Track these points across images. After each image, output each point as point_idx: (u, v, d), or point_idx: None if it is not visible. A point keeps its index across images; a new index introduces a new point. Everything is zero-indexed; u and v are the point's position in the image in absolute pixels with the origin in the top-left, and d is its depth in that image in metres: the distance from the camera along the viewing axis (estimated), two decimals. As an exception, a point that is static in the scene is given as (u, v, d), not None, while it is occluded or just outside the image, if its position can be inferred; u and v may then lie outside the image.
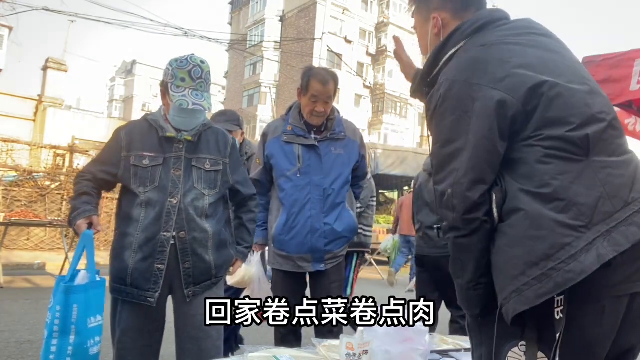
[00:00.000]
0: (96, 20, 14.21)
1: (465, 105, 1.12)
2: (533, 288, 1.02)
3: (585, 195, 1.05)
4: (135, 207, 1.95)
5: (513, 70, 1.11)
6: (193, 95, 1.92)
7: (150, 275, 1.91)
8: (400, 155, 11.31)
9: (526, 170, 1.09)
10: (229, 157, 2.12)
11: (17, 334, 3.85)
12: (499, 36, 1.20)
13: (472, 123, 1.11)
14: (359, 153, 2.67)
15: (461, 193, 1.11)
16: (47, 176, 9.72)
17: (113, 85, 62.24)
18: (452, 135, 1.14)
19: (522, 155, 1.10)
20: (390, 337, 1.76)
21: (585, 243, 1.02)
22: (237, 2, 38.42)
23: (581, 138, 1.08)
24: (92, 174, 2.02)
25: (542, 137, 1.09)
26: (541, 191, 1.06)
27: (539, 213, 1.05)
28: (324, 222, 2.48)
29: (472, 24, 1.22)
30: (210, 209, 2.02)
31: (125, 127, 2.10)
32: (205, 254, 1.98)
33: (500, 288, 1.09)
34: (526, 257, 1.05)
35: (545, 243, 1.03)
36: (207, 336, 1.98)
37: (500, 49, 1.17)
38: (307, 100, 2.52)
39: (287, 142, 2.57)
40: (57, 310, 1.71)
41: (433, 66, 1.26)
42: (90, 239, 1.84)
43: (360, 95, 32.71)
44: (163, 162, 1.98)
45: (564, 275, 1.00)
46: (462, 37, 1.22)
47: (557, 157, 1.08)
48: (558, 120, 1.09)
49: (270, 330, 2.56)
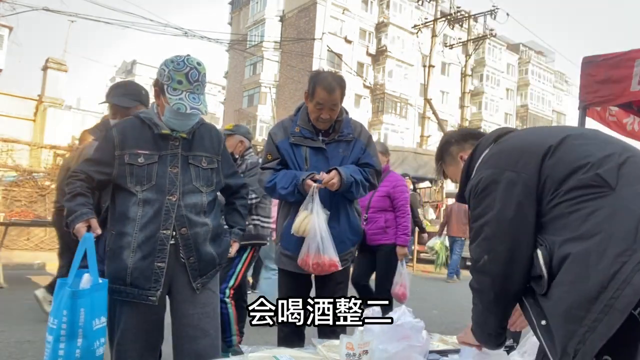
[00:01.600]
0: (96, 20, 14.24)
1: (492, 187, 1.32)
2: (603, 322, 1.07)
3: (621, 223, 1.13)
4: (132, 206, 1.94)
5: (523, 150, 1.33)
6: (190, 98, 1.91)
7: (151, 274, 1.91)
8: (400, 155, 11.30)
9: (562, 223, 1.21)
10: (221, 153, 2.15)
11: (17, 334, 3.85)
12: (511, 136, 1.47)
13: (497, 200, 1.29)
14: (361, 148, 2.62)
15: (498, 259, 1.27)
16: (47, 176, 9.70)
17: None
18: (481, 211, 1.33)
19: (554, 214, 1.24)
20: (387, 335, 1.77)
21: (633, 265, 1.07)
22: (237, 2, 38.41)
23: (593, 178, 1.20)
24: (85, 173, 1.96)
25: (562, 193, 1.23)
26: (579, 234, 1.16)
27: (583, 252, 1.13)
28: (329, 226, 2.43)
29: (490, 136, 1.54)
30: (209, 206, 2.04)
31: (116, 125, 2.07)
32: (207, 246, 2.01)
33: (569, 335, 1.12)
34: (586, 296, 1.10)
35: (598, 277, 1.09)
36: (204, 335, 1.98)
37: (513, 139, 1.44)
38: (313, 107, 2.49)
39: (294, 144, 2.55)
40: (63, 314, 1.69)
41: (469, 173, 1.52)
42: (90, 241, 1.83)
43: (360, 95, 32.70)
44: (158, 160, 1.97)
45: (623, 300, 1.06)
46: (487, 144, 1.50)
47: (583, 201, 1.19)
48: (568, 174, 1.24)
49: (270, 330, 2.55)
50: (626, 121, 3.96)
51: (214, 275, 2.08)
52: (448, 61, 33.26)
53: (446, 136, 1.87)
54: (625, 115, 3.96)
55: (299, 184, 2.41)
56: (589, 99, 3.46)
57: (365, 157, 2.61)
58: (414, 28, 19.85)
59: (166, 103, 1.93)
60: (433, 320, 5.71)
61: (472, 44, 19.19)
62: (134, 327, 1.93)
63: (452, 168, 1.77)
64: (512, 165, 1.31)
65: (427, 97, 17.20)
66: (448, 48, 20.51)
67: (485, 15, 18.35)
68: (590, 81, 3.41)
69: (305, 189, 2.40)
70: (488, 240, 1.30)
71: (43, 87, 16.05)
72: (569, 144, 1.30)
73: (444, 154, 1.80)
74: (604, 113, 3.97)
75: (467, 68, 19.32)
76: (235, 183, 2.26)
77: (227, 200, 2.29)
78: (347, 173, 2.44)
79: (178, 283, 1.99)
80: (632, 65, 3.14)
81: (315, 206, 2.36)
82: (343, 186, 2.42)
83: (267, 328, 2.05)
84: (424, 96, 17.48)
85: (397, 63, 33.49)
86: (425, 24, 19.10)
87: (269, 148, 2.61)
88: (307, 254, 2.38)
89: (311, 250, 2.37)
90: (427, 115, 18.76)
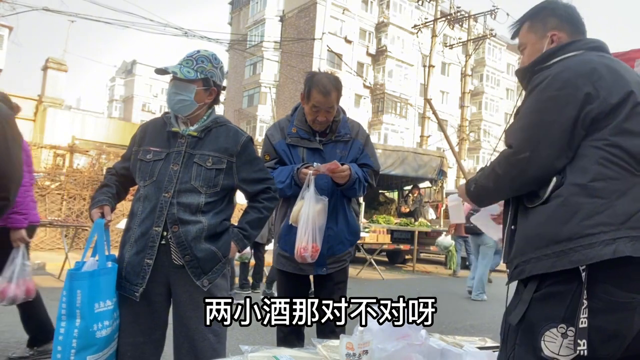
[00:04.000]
0: (96, 20, 14.24)
1: (570, 93, 1.30)
2: (550, 259, 1.23)
3: (627, 203, 1.22)
4: (136, 201, 2.00)
5: (615, 78, 1.31)
6: (175, 66, 1.98)
7: (140, 270, 1.92)
8: (400, 155, 11.29)
9: (584, 165, 1.27)
10: (237, 155, 2.05)
11: (17, 334, 3.85)
12: (609, 57, 1.43)
13: (566, 108, 1.29)
14: (359, 149, 2.61)
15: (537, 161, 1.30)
16: (47, 176, 9.71)
17: (113, 85, 62.21)
18: (544, 107, 1.33)
19: (587, 152, 1.28)
20: (385, 334, 1.76)
21: (608, 238, 1.19)
22: (237, 2, 38.40)
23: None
24: (115, 169, 2.16)
25: (610, 143, 1.26)
26: (588, 187, 1.24)
27: (579, 204, 1.24)
28: (327, 226, 2.42)
29: (591, 41, 1.47)
30: (207, 206, 1.98)
31: (145, 123, 2.21)
32: (202, 243, 1.95)
33: (521, 252, 1.33)
34: (553, 236, 1.25)
35: (573, 229, 1.22)
36: (202, 338, 1.96)
37: (609, 60, 1.39)
38: (309, 109, 2.48)
39: (291, 145, 2.53)
40: (63, 294, 1.79)
41: (546, 60, 1.46)
42: (101, 227, 1.91)
43: (360, 95, 32.69)
44: (165, 157, 1.99)
45: (578, 256, 1.20)
46: (581, 46, 1.45)
47: (615, 163, 1.25)
48: (631, 132, 1.27)
49: (270, 330, 2.55)
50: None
51: (221, 271, 2.01)
52: (448, 61, 33.23)
53: (554, 3, 1.61)
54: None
55: (295, 174, 2.41)
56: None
57: (363, 158, 2.60)
58: (414, 28, 19.84)
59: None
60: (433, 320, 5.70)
61: (472, 44, 19.20)
62: (131, 322, 1.94)
63: (533, 36, 1.58)
64: (597, 84, 1.29)
65: (427, 97, 17.19)
66: (448, 48, 20.50)
67: (485, 15, 18.35)
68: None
69: (301, 177, 2.39)
70: (537, 140, 1.31)
71: (43, 87, 16.05)
72: None
73: (538, 17, 1.58)
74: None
75: (467, 68, 19.33)
76: (252, 189, 2.12)
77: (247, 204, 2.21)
78: (353, 169, 2.45)
79: (176, 284, 1.97)
80: (631, 65, 3.15)
81: (309, 194, 2.32)
82: (349, 181, 2.42)
83: (267, 328, 2.05)
84: (424, 96, 17.47)
85: (397, 63, 33.48)
86: (425, 24, 19.10)
87: (267, 149, 2.60)
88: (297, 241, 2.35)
89: (299, 236, 2.33)
90: (427, 115, 18.76)
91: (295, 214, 2.36)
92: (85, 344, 1.78)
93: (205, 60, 2.03)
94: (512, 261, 1.37)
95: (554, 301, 1.24)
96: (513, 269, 1.35)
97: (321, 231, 2.35)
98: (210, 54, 2.06)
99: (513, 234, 1.41)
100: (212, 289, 1.97)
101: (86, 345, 1.78)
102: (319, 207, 2.34)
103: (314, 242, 2.33)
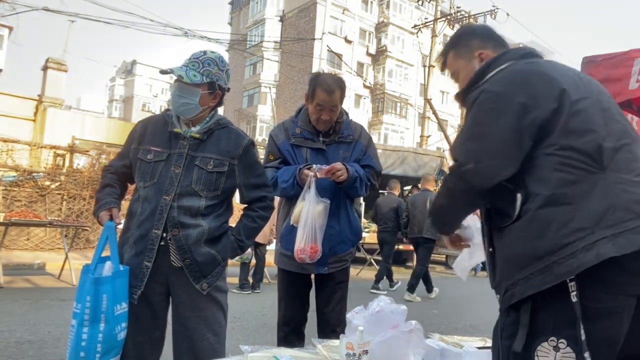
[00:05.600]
0: (96, 20, 14.23)
1: (505, 104, 1.31)
2: (538, 278, 1.20)
3: (594, 203, 1.19)
4: (135, 202, 1.98)
5: (549, 84, 1.31)
6: (180, 68, 1.96)
7: (139, 272, 1.92)
8: (400, 155, 11.30)
9: (543, 175, 1.25)
10: (238, 158, 2.04)
11: (17, 334, 3.85)
12: (538, 62, 1.45)
13: (504, 119, 1.29)
14: (362, 150, 2.63)
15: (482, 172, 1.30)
16: (47, 176, 9.71)
17: (113, 85, 62.21)
18: (483, 120, 1.35)
19: (542, 161, 1.27)
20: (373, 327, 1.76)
21: (587, 243, 1.15)
22: (237, 2, 38.42)
23: (595, 149, 1.23)
24: (113, 167, 2.10)
25: (561, 147, 1.25)
26: (555, 196, 1.22)
27: (550, 214, 1.21)
28: (329, 225, 2.44)
29: (519, 50, 1.51)
30: (207, 210, 1.97)
31: (144, 120, 2.15)
32: (202, 247, 1.94)
33: (507, 276, 1.29)
34: (533, 252, 1.22)
35: (550, 242, 1.19)
36: (201, 339, 1.96)
37: (538, 65, 1.40)
38: (313, 108, 2.50)
39: (295, 145, 2.56)
40: (87, 300, 1.76)
41: (480, 77, 1.48)
42: (112, 229, 1.90)
43: (360, 95, 32.70)
44: (167, 158, 1.97)
45: (563, 268, 1.16)
46: (511, 57, 1.47)
47: (572, 166, 1.23)
48: (577, 132, 1.25)
49: (270, 330, 2.55)
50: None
51: (220, 274, 2.01)
52: (448, 61, 33.18)
53: (470, 27, 1.73)
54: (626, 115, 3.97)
55: (297, 175, 2.43)
56: (589, 99, 3.46)
57: (366, 159, 2.63)
58: (414, 28, 19.84)
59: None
60: (433, 320, 5.71)
61: (472, 43, 19.15)
62: (132, 322, 1.93)
63: (462, 61, 1.63)
64: (532, 93, 1.30)
65: (427, 97, 17.19)
66: (448, 48, 20.46)
67: (485, 15, 18.34)
68: (590, 81, 3.42)
69: (303, 178, 2.41)
70: (479, 151, 1.32)
71: (43, 87, 16.05)
72: (589, 103, 1.30)
73: (460, 43, 1.65)
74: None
75: (467, 68, 19.29)
76: (249, 195, 2.10)
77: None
78: (352, 168, 2.46)
79: (176, 285, 1.97)
80: (631, 64, 3.14)
81: (310, 195, 2.35)
82: (349, 179, 2.43)
83: (267, 328, 2.05)
84: (424, 96, 17.47)
85: (397, 63, 33.48)
86: (425, 24, 19.10)
87: (271, 149, 2.63)
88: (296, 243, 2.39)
89: (298, 237, 2.37)
90: (427, 115, 18.76)
91: (297, 215, 2.38)
92: (109, 347, 1.79)
93: (212, 63, 1.99)
94: (499, 286, 1.33)
95: (542, 314, 1.21)
96: (503, 293, 1.30)
97: (321, 232, 2.37)
98: (217, 56, 2.02)
99: (493, 257, 1.39)
100: (212, 291, 1.97)
101: (109, 349, 1.79)
102: (319, 208, 2.35)
103: (312, 244, 2.35)
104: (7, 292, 5.67)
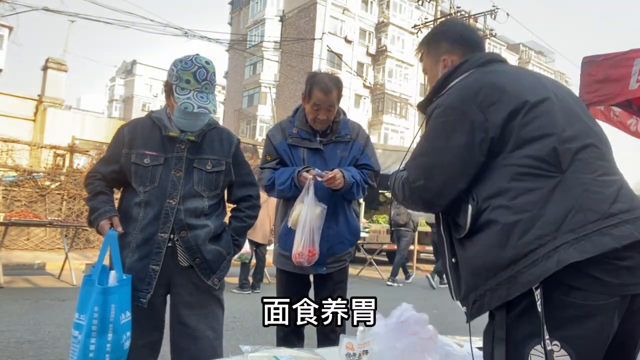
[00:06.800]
0: (96, 20, 14.23)
1: (455, 118, 1.31)
2: (504, 287, 1.19)
3: (554, 208, 1.18)
4: (134, 206, 1.96)
5: (500, 95, 1.28)
6: (198, 97, 1.90)
7: (145, 276, 1.92)
8: (400, 155, 11.27)
9: (502, 186, 1.24)
10: (232, 156, 2.11)
11: (17, 334, 3.85)
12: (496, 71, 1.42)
13: (454, 134, 1.30)
14: (359, 149, 2.62)
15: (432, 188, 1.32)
16: (47, 176, 9.72)
17: (113, 85, 62.21)
18: (435, 136, 1.35)
19: (500, 173, 1.26)
20: (393, 334, 1.76)
21: (548, 250, 1.14)
22: (237, 2, 38.41)
23: (550, 153, 1.21)
24: (100, 173, 2.04)
25: (517, 157, 1.24)
26: (511, 205, 1.21)
27: (510, 224, 1.20)
28: (327, 226, 2.44)
29: (479, 57, 1.46)
30: (210, 209, 2.02)
31: (128, 124, 2.11)
32: (209, 245, 2.00)
33: (473, 287, 1.28)
34: (498, 262, 1.20)
35: (514, 251, 1.18)
36: (201, 337, 1.97)
37: (496, 76, 1.37)
38: (310, 108, 2.50)
39: (292, 145, 2.55)
40: (94, 311, 1.74)
41: (441, 88, 1.45)
42: (114, 239, 1.87)
43: (360, 95, 32.70)
44: (164, 162, 1.97)
45: (527, 277, 1.15)
46: (469, 67, 1.44)
47: (530, 174, 1.22)
48: (530, 139, 1.24)
49: (270, 330, 2.55)
50: (630, 122, 3.97)
51: (227, 268, 2.09)
52: (448, 61, 33.21)
53: (445, 26, 1.66)
54: (628, 117, 3.96)
55: (295, 177, 2.43)
56: (589, 98, 3.46)
57: (364, 158, 2.62)
58: (414, 28, 19.85)
59: (175, 103, 1.93)
60: (433, 320, 5.70)
61: (472, 43, 19.16)
62: (132, 326, 1.93)
63: (430, 62, 1.60)
64: (483, 107, 1.28)
65: (427, 97, 17.17)
66: (448, 48, 20.48)
67: (485, 15, 18.36)
68: (590, 80, 3.41)
69: (301, 181, 2.41)
70: (430, 167, 1.34)
71: (43, 87, 16.06)
72: (546, 107, 1.28)
73: (432, 44, 1.61)
74: (609, 113, 3.98)
75: (467, 68, 19.30)
76: (236, 194, 2.19)
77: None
78: (349, 174, 2.46)
79: (177, 285, 1.98)
80: (631, 64, 3.15)
81: (308, 199, 2.36)
82: (346, 185, 2.43)
83: (267, 328, 2.05)
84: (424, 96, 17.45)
85: (397, 63, 33.48)
86: (425, 24, 19.10)
87: (268, 149, 2.62)
88: (294, 246, 2.39)
89: (296, 241, 2.38)
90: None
91: (295, 218, 2.39)
92: (116, 357, 1.79)
93: (214, 76, 1.98)
94: (466, 298, 1.31)
95: (526, 318, 1.18)
96: (472, 305, 1.28)
97: (319, 234, 2.38)
98: (212, 64, 1.97)
99: (456, 268, 1.36)
100: (220, 286, 2.06)
101: (117, 358, 1.79)
102: (317, 211, 2.37)
103: (310, 247, 2.36)
104: (7, 292, 5.67)
